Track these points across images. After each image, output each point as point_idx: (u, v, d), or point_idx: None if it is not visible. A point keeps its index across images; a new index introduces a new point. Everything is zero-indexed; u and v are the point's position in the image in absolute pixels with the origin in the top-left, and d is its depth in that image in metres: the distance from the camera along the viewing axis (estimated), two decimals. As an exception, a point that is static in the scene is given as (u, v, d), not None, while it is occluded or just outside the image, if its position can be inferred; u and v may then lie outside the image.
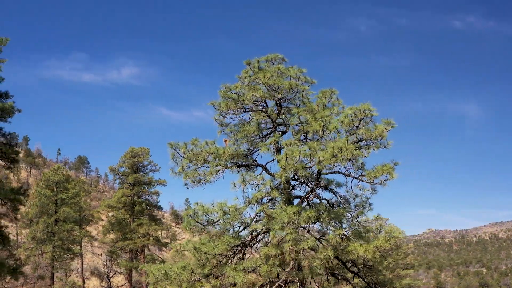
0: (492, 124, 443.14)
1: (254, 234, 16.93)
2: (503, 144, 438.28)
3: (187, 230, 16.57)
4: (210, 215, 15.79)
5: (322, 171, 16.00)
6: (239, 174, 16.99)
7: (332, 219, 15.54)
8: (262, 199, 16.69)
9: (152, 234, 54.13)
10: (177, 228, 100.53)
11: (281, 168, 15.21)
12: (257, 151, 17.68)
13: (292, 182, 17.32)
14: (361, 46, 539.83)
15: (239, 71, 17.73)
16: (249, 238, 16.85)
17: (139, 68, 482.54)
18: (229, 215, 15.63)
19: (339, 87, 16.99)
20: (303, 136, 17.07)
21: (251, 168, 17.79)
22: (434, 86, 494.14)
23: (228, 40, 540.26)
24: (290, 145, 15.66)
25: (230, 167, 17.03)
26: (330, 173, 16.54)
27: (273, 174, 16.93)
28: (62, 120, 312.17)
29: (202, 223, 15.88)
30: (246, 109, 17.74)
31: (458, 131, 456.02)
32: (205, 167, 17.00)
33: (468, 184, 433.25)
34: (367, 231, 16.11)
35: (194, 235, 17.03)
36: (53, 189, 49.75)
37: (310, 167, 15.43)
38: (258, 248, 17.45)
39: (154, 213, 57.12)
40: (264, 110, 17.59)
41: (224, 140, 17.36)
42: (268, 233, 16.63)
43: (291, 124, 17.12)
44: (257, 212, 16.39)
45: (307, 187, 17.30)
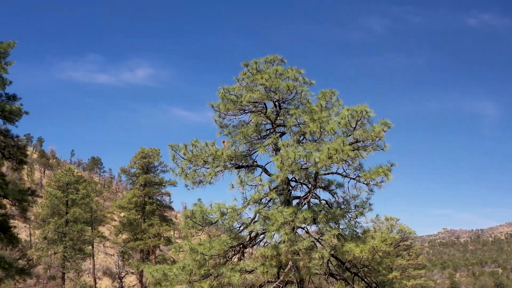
0: (509, 122, 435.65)
1: (253, 234, 16.98)
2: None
3: (184, 231, 16.68)
4: (208, 216, 15.89)
5: (320, 172, 15.97)
6: (238, 175, 17.09)
7: (329, 220, 15.53)
8: (261, 200, 16.75)
9: (163, 234, 54.36)
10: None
11: (278, 169, 15.25)
12: (256, 152, 17.72)
13: (292, 183, 17.34)
14: (375, 45, 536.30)
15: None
16: (248, 238, 16.92)
17: (153, 69, 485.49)
18: (227, 216, 15.70)
19: (353, 86, 17.05)
20: (302, 137, 17.07)
21: (251, 169, 17.86)
22: (450, 84, 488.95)
23: (243, 40, 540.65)
24: (288, 146, 15.67)
25: (229, 168, 17.12)
26: (327, 174, 16.51)
27: (272, 175, 16.96)
28: (76, 121, 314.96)
29: (200, 224, 15.98)
30: (245, 110, 17.79)
31: (474, 130, 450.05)
32: (205, 168, 17.12)
33: (484, 183, 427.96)
34: (364, 232, 16.06)
35: (193, 236, 17.14)
36: (64, 190, 50.33)
37: (307, 168, 15.43)
38: (258, 248, 17.51)
39: (166, 213, 57.35)
40: (263, 111, 17.62)
41: (223, 142, 17.42)
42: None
43: (289, 125, 17.13)
44: (255, 213, 16.45)
45: (306, 188, 17.30)
